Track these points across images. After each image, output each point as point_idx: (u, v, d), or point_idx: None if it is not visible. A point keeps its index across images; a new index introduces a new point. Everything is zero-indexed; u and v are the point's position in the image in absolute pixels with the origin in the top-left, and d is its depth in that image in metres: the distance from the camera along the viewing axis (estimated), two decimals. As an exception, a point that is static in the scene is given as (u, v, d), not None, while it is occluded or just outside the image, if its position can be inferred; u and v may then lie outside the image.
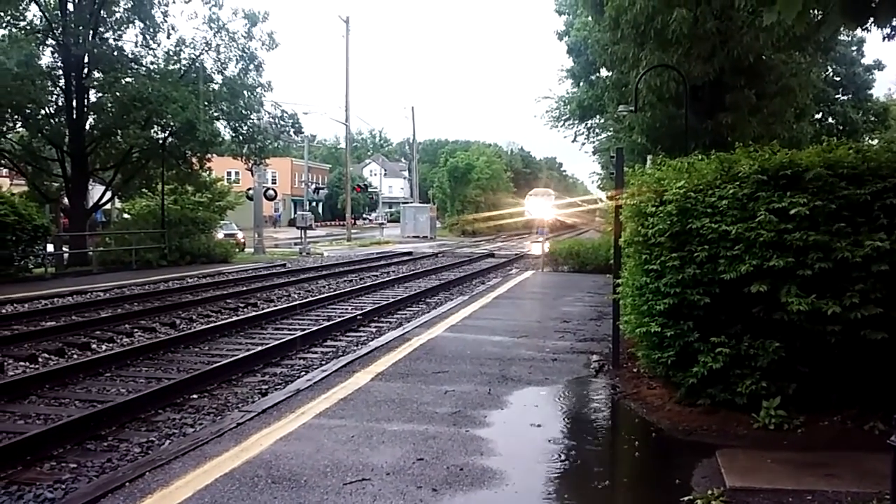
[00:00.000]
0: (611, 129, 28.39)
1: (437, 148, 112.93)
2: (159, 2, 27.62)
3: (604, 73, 25.55)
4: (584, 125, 35.01)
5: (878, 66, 33.42)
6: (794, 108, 18.12)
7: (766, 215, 6.34)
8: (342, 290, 19.72)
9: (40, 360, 10.77)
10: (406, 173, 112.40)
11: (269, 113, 31.58)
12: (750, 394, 6.56)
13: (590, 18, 22.56)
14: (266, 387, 9.36)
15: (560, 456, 5.92)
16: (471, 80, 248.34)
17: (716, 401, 6.81)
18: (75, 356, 11.13)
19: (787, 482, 5.23)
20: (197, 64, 28.76)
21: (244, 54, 29.37)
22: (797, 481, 5.24)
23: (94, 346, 11.91)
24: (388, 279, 23.30)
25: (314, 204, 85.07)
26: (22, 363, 10.48)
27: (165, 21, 27.92)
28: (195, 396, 8.87)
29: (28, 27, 26.10)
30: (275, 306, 16.51)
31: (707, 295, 6.66)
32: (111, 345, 12.06)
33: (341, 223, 75.72)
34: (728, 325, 6.70)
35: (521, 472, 5.42)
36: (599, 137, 36.17)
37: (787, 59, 17.42)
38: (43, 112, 26.53)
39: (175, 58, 28.62)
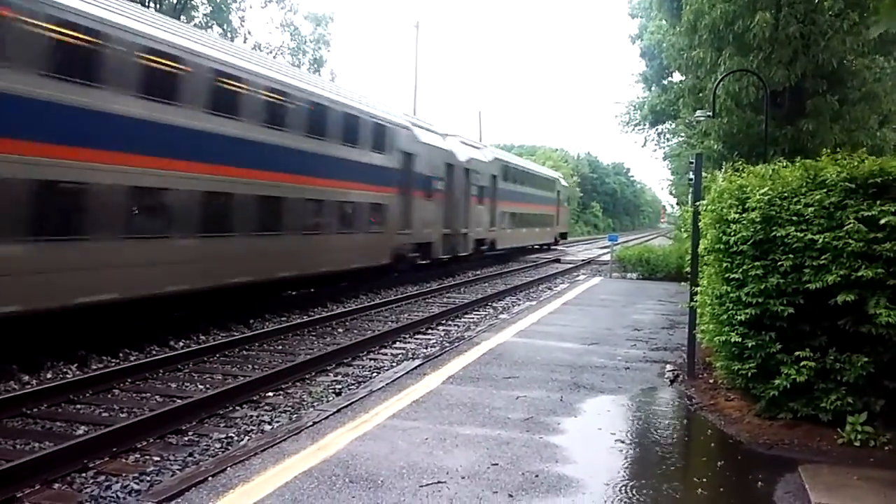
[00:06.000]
0: (683, 134, 27.89)
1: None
2: (237, 7, 28.41)
3: (676, 77, 25.18)
4: (654, 130, 34.51)
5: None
6: (877, 114, 17.50)
7: (855, 224, 6.15)
8: (411, 293, 19.85)
9: (121, 355, 11.10)
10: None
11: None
12: (835, 409, 6.37)
13: (664, 22, 22.26)
14: (339, 386, 9.49)
15: (636, 466, 5.84)
16: (538, 85, 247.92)
17: (798, 415, 6.62)
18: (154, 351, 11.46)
19: (876, 500, 5.07)
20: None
21: (315, 58, 29.96)
22: (887, 500, 5.06)
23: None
24: (453, 283, 23.36)
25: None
26: (104, 357, 10.83)
27: (242, 26, 28.74)
28: (270, 394, 9.04)
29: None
30: (345, 307, 16.72)
31: (790, 305, 6.49)
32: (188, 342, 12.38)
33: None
34: (812, 337, 6.52)
35: (597, 482, 5.36)
36: (670, 143, 35.62)
37: (871, 63, 16.86)
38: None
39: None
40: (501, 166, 33.68)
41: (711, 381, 8.42)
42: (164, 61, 12.19)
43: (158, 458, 6.67)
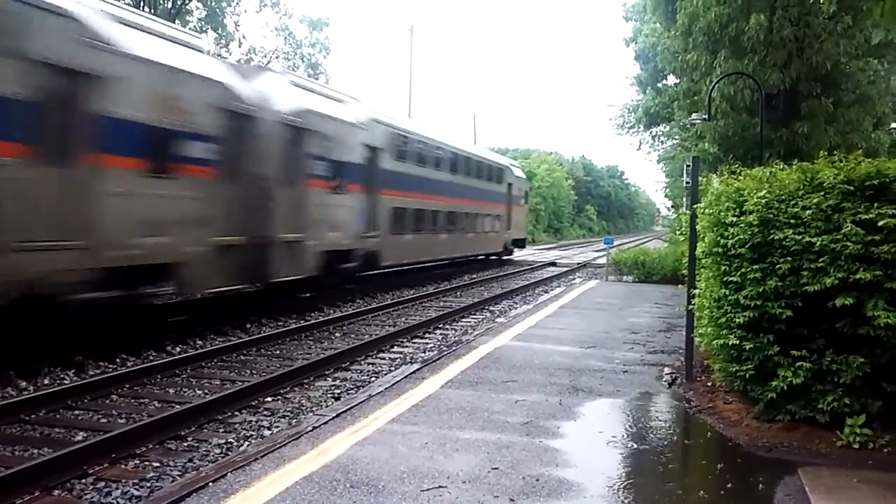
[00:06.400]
0: (677, 137, 27.96)
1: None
2: (232, 12, 28.43)
3: (671, 80, 25.24)
4: (649, 133, 34.59)
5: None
6: (872, 116, 17.57)
7: (853, 227, 6.18)
8: (407, 297, 19.85)
9: (118, 360, 11.07)
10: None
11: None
12: (832, 411, 6.39)
13: (658, 25, 22.32)
14: (338, 391, 9.49)
15: (636, 470, 5.86)
16: (533, 89, 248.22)
17: (796, 417, 6.65)
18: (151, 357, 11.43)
19: (876, 503, 5.08)
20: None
21: (309, 62, 30.02)
22: (886, 502, 5.08)
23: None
24: (450, 287, 23.38)
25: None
26: (102, 363, 10.79)
27: (237, 30, 28.71)
28: (269, 399, 9.03)
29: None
30: (342, 312, 16.71)
31: (789, 308, 6.51)
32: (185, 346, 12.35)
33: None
34: (810, 339, 6.55)
35: (597, 486, 5.37)
36: (665, 145, 35.70)
37: (864, 66, 16.93)
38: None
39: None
40: (390, 135, 21.42)
41: (709, 384, 8.43)
42: None
43: (158, 464, 6.65)
